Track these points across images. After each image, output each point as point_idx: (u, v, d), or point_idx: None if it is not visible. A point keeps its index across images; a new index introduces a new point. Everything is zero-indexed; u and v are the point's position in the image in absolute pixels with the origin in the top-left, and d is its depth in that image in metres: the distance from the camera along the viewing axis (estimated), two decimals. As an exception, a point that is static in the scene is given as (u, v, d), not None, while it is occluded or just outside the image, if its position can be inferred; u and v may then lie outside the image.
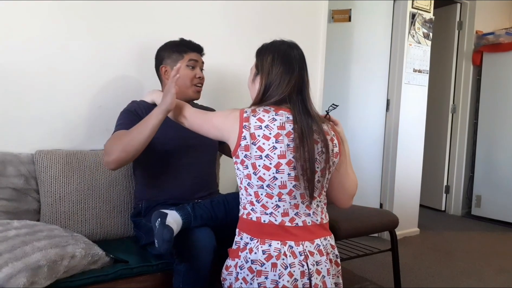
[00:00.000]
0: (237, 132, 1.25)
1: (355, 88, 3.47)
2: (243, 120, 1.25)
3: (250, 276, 1.21)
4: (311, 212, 1.27)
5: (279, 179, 1.22)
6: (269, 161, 1.22)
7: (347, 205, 1.46)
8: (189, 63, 1.74)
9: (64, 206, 1.73)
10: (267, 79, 1.30)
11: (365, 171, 3.44)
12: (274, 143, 1.22)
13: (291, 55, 1.32)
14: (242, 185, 1.28)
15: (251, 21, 2.50)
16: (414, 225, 3.60)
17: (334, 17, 3.43)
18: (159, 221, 1.35)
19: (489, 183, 4.09)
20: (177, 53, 1.76)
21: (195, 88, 1.76)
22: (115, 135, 1.57)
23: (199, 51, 1.82)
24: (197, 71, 1.76)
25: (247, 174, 1.25)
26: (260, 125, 1.23)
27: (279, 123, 1.24)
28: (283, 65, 1.29)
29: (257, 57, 1.37)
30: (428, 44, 3.47)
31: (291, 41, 1.37)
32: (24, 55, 1.85)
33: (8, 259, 1.22)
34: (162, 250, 1.31)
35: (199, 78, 1.77)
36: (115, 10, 2.05)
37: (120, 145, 1.47)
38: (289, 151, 1.22)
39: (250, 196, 1.26)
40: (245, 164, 1.24)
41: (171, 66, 1.74)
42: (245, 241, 1.25)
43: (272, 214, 1.23)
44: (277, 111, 1.26)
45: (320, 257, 1.25)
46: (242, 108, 1.30)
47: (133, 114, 1.68)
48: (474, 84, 4.28)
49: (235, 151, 1.26)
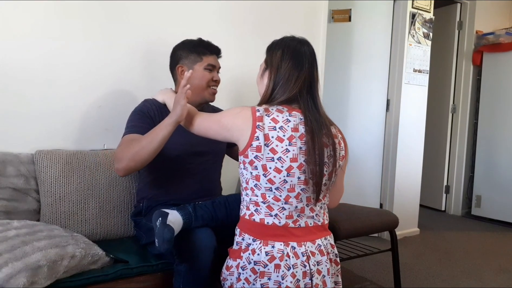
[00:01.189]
0: (250, 131, 1.21)
1: (355, 88, 3.47)
2: (257, 120, 1.21)
3: (253, 277, 1.21)
4: (314, 214, 1.27)
5: (289, 182, 1.21)
6: (280, 164, 1.20)
7: (334, 206, 1.46)
8: (207, 66, 1.72)
9: (64, 206, 1.73)
10: (276, 74, 1.28)
11: (365, 171, 3.45)
12: (287, 145, 1.20)
13: (301, 51, 1.30)
14: (248, 185, 1.26)
15: (251, 21, 2.50)
16: (414, 225, 3.60)
17: (334, 17, 3.43)
18: (160, 220, 1.35)
19: (489, 183, 4.09)
20: (196, 54, 1.73)
21: (211, 90, 1.74)
22: (126, 140, 1.55)
23: (218, 53, 1.79)
24: (214, 74, 1.75)
25: (255, 175, 1.23)
26: (275, 126, 1.21)
27: (293, 124, 1.22)
28: (292, 60, 1.27)
29: (267, 52, 1.35)
30: (428, 44, 3.47)
31: (302, 38, 1.35)
32: (24, 54, 1.85)
33: (8, 259, 1.22)
34: (162, 249, 1.31)
35: (216, 81, 1.75)
36: (115, 10, 2.05)
37: (129, 154, 1.46)
38: (301, 154, 1.21)
39: (256, 197, 1.24)
40: (254, 165, 1.22)
41: (188, 66, 1.72)
42: (247, 241, 1.24)
43: (277, 216, 1.22)
44: (290, 111, 1.24)
45: (321, 257, 1.26)
46: (252, 105, 1.27)
47: (145, 116, 1.66)
48: (474, 84, 4.28)
49: (244, 150, 1.23)
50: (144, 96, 2.18)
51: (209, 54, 1.74)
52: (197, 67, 1.71)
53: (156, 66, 2.20)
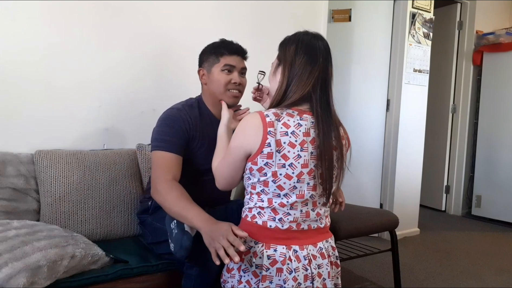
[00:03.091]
0: (260, 138, 1.16)
1: (355, 88, 3.47)
2: (267, 125, 1.16)
3: (254, 280, 1.20)
4: (318, 218, 1.26)
5: (298, 189, 1.18)
6: (291, 170, 1.17)
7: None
8: (224, 67, 1.59)
9: (64, 206, 1.72)
10: (290, 70, 1.22)
11: (365, 171, 3.45)
12: (299, 151, 1.17)
13: (316, 45, 1.24)
14: (254, 190, 1.23)
15: (251, 21, 2.50)
16: (414, 225, 3.60)
17: (334, 17, 3.43)
18: (176, 225, 1.32)
19: (489, 183, 4.09)
20: (214, 55, 1.61)
21: (230, 93, 1.59)
22: (167, 186, 1.44)
23: (240, 54, 1.63)
24: (233, 75, 1.59)
25: (264, 181, 1.19)
26: (286, 131, 1.17)
27: (304, 129, 1.18)
28: (306, 55, 1.22)
29: (280, 48, 1.29)
30: (428, 44, 3.47)
31: (316, 32, 1.30)
32: (24, 55, 1.85)
33: (8, 259, 1.22)
34: (179, 255, 1.29)
35: (235, 84, 1.59)
36: (115, 10, 2.05)
37: (165, 203, 1.42)
38: (312, 159, 1.18)
39: (262, 202, 1.21)
40: (264, 171, 1.18)
41: (208, 69, 1.62)
42: (249, 244, 1.22)
43: (281, 220, 1.20)
44: (301, 115, 1.20)
45: (322, 260, 1.25)
46: (260, 110, 1.22)
47: (182, 131, 1.55)
48: (474, 84, 4.27)
49: (254, 157, 1.18)
50: (144, 96, 2.19)
51: (228, 54, 1.60)
52: (214, 69, 1.60)
53: (157, 66, 2.20)
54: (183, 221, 1.34)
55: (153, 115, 1.92)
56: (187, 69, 2.19)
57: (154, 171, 1.49)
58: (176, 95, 1.85)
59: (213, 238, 1.17)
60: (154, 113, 1.98)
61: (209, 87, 1.62)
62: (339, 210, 1.53)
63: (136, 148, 1.99)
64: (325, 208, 1.29)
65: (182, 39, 2.25)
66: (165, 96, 2.15)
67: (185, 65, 2.23)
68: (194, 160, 1.60)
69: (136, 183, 1.92)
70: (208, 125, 1.64)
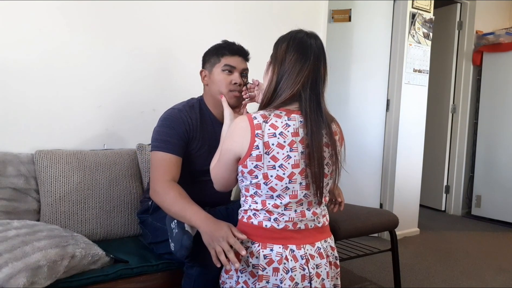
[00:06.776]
0: (248, 141, 1.16)
1: (355, 88, 3.47)
2: (255, 128, 1.16)
3: (252, 281, 1.20)
4: (315, 217, 1.26)
5: (291, 189, 1.18)
6: (282, 171, 1.16)
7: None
8: (224, 67, 1.58)
9: (64, 206, 1.73)
10: (280, 67, 1.21)
11: (365, 171, 3.45)
12: (288, 152, 1.16)
13: (307, 43, 1.23)
14: (247, 193, 1.23)
15: (250, 21, 2.50)
16: (414, 225, 3.60)
17: (334, 17, 3.43)
18: (176, 224, 1.33)
19: (489, 183, 4.09)
20: (215, 56, 1.61)
21: (231, 94, 1.57)
22: (165, 180, 1.45)
23: (241, 55, 1.62)
24: (234, 76, 1.58)
25: (256, 183, 1.19)
26: (274, 133, 1.16)
27: (292, 129, 1.17)
28: (297, 53, 1.21)
29: (273, 46, 1.29)
30: (428, 44, 3.47)
31: (311, 31, 1.28)
32: (24, 54, 1.85)
33: (8, 259, 1.22)
34: (179, 255, 1.30)
35: (235, 84, 1.57)
36: (115, 11, 2.05)
37: (164, 204, 1.42)
38: (302, 159, 1.17)
39: (256, 204, 1.21)
40: (254, 174, 1.18)
41: (209, 70, 1.62)
42: (245, 244, 1.22)
43: (277, 220, 1.20)
44: (289, 115, 1.19)
45: (320, 260, 1.24)
46: (248, 113, 1.22)
47: (182, 132, 1.55)
48: (474, 84, 4.28)
49: (243, 160, 1.18)
50: (144, 96, 2.19)
51: (229, 55, 1.59)
52: (215, 70, 1.60)
53: (157, 66, 2.21)
54: (182, 220, 1.35)
55: (153, 115, 1.93)
56: (187, 69, 2.20)
57: (153, 172, 1.50)
58: (176, 95, 1.85)
59: (213, 238, 1.19)
60: (154, 113, 1.99)
61: (210, 88, 1.62)
62: (339, 210, 1.53)
63: (136, 148, 1.99)
64: (322, 207, 1.28)
65: (182, 39, 2.25)
66: (165, 96, 2.15)
67: (185, 65, 2.23)
68: (194, 161, 1.60)
69: (136, 183, 1.92)
70: (208, 127, 1.64)
